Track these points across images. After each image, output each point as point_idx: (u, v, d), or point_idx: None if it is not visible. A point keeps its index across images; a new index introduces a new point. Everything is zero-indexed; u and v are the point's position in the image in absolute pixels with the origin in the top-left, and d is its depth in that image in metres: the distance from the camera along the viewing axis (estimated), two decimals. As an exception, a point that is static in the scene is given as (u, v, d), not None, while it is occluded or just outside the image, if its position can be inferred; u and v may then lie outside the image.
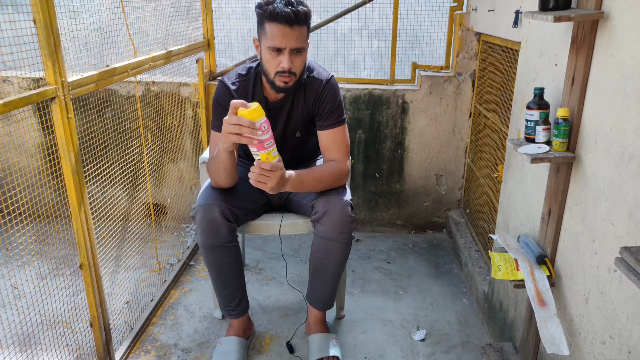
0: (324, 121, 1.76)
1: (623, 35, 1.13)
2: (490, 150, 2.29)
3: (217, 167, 1.66)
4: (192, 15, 2.62)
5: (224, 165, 1.64)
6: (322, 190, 1.73)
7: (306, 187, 1.68)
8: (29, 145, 2.57)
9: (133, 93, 2.68)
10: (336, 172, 1.74)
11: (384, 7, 2.68)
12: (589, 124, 1.28)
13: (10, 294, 2.15)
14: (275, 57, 1.60)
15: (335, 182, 1.74)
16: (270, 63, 1.62)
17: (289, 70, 1.60)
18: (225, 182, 1.71)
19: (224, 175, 1.68)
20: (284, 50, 1.59)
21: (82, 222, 1.59)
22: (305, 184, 1.67)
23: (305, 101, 1.77)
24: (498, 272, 1.49)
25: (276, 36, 1.56)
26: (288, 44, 1.57)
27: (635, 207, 1.08)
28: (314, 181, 1.69)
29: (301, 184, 1.65)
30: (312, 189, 1.71)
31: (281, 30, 1.56)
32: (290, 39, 1.57)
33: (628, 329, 1.10)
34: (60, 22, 1.45)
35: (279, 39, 1.56)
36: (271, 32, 1.57)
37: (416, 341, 2.01)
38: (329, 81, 1.75)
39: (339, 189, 1.75)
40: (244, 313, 1.90)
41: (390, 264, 2.60)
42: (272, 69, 1.62)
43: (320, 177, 1.70)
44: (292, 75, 1.62)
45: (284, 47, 1.58)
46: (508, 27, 1.94)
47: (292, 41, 1.57)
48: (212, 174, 1.72)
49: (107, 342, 1.77)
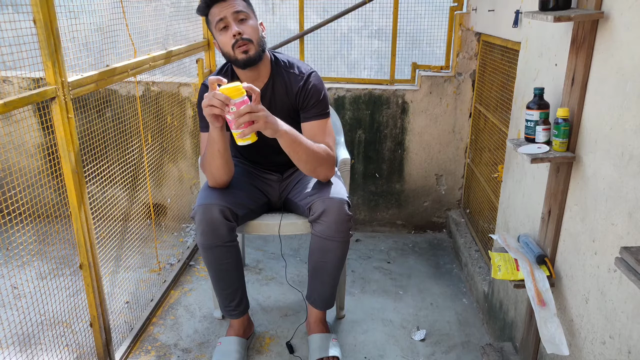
0: (308, 112, 1.76)
1: (623, 35, 1.13)
2: (490, 150, 2.29)
3: (211, 152, 1.65)
4: (192, 15, 2.62)
5: (217, 147, 1.63)
6: (309, 166, 1.69)
7: (298, 148, 1.63)
8: (29, 145, 2.57)
9: (133, 93, 2.68)
10: (324, 152, 1.71)
11: (384, 7, 2.68)
12: (589, 124, 1.28)
13: (10, 294, 2.15)
14: (225, 33, 1.65)
15: (323, 162, 1.71)
16: (225, 42, 1.65)
17: (240, 35, 1.62)
18: (223, 169, 1.69)
19: (220, 160, 1.67)
20: (227, 21, 1.63)
21: (82, 222, 1.59)
22: (298, 144, 1.62)
23: (287, 94, 1.77)
24: (498, 272, 1.49)
25: (215, 14, 1.65)
26: (227, 12, 1.63)
27: (635, 207, 1.08)
28: (306, 147, 1.65)
29: (294, 141, 1.62)
30: (301, 155, 1.65)
31: (219, 7, 1.64)
32: (227, 8, 1.63)
33: (628, 329, 1.10)
34: (60, 22, 1.45)
35: (217, 14, 1.64)
36: (212, 14, 1.65)
37: (416, 341, 2.01)
38: (311, 74, 1.77)
39: (334, 188, 1.74)
40: (244, 313, 1.90)
41: (390, 264, 2.60)
42: (228, 45, 1.65)
43: (312, 148, 1.67)
44: (247, 41, 1.64)
45: (224, 16, 1.62)
46: (508, 27, 1.94)
47: (229, 9, 1.63)
48: (208, 166, 1.71)
49: (107, 342, 1.77)
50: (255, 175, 1.95)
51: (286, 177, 1.97)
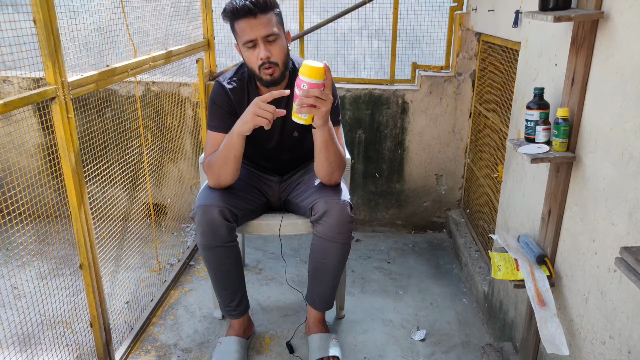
0: None
1: (623, 35, 1.13)
2: (490, 150, 2.29)
3: (226, 156, 1.65)
4: (192, 15, 2.62)
5: (235, 153, 1.64)
6: (330, 168, 1.69)
7: (331, 147, 1.64)
8: (29, 145, 2.57)
9: (133, 93, 2.68)
10: (344, 157, 1.74)
11: (384, 7, 2.68)
12: (589, 124, 1.28)
13: (10, 294, 2.15)
14: (252, 52, 1.62)
15: (341, 166, 1.73)
16: (250, 59, 1.63)
17: (267, 59, 1.60)
18: (231, 174, 1.70)
19: (232, 166, 1.67)
20: (257, 42, 1.60)
21: (82, 222, 1.58)
22: (332, 143, 1.63)
23: None
24: (498, 272, 1.49)
25: (245, 30, 1.59)
26: (257, 33, 1.58)
27: (635, 207, 1.08)
28: (336, 148, 1.66)
29: (331, 138, 1.62)
30: (330, 154, 1.66)
31: (247, 23, 1.58)
32: (258, 29, 1.58)
33: (628, 329, 1.10)
34: (60, 22, 1.45)
35: (247, 32, 1.58)
36: (240, 28, 1.60)
37: (416, 341, 2.01)
38: None
39: (337, 190, 1.74)
40: (244, 313, 1.90)
41: (390, 264, 2.60)
42: (254, 64, 1.63)
43: (340, 151, 1.69)
44: (273, 65, 1.62)
45: (254, 38, 1.59)
46: (508, 27, 1.94)
47: (260, 30, 1.58)
48: (216, 169, 1.70)
49: (107, 342, 1.77)
50: (256, 176, 1.95)
51: (286, 178, 1.97)
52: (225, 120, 1.73)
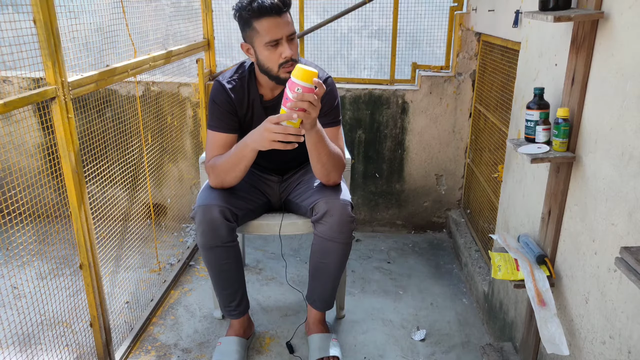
0: (322, 119, 1.76)
1: (623, 35, 1.13)
2: (490, 150, 2.29)
3: (235, 164, 1.65)
4: (192, 15, 2.62)
5: (246, 163, 1.64)
6: (325, 169, 1.69)
7: (322, 149, 1.63)
8: (29, 145, 2.57)
9: (133, 93, 2.68)
10: (340, 158, 1.73)
11: (384, 7, 2.68)
12: (589, 124, 1.28)
13: (10, 294, 2.15)
14: (274, 51, 1.60)
15: (338, 167, 1.72)
16: (270, 58, 1.62)
17: (291, 57, 1.60)
18: (237, 179, 1.71)
19: (240, 173, 1.68)
20: (281, 41, 1.59)
21: (82, 222, 1.59)
22: (323, 145, 1.62)
23: None
24: (498, 272, 1.49)
25: (271, 29, 1.57)
26: (283, 32, 1.58)
27: (635, 207, 1.08)
28: (329, 149, 1.65)
29: (322, 140, 1.61)
30: (322, 156, 1.65)
31: (274, 22, 1.57)
32: (284, 27, 1.58)
33: (628, 329, 1.10)
34: (60, 22, 1.45)
35: (274, 31, 1.57)
36: (264, 27, 1.57)
37: (416, 341, 2.01)
38: (327, 80, 1.75)
39: (338, 189, 1.74)
40: (244, 313, 1.90)
41: (390, 264, 2.60)
42: (274, 63, 1.62)
43: (333, 152, 1.68)
44: (294, 62, 1.62)
45: (280, 37, 1.58)
46: (508, 27, 1.94)
47: (286, 29, 1.58)
48: (222, 173, 1.70)
49: (107, 342, 1.77)
50: (256, 176, 1.95)
51: (286, 178, 1.97)
52: (225, 119, 1.73)
